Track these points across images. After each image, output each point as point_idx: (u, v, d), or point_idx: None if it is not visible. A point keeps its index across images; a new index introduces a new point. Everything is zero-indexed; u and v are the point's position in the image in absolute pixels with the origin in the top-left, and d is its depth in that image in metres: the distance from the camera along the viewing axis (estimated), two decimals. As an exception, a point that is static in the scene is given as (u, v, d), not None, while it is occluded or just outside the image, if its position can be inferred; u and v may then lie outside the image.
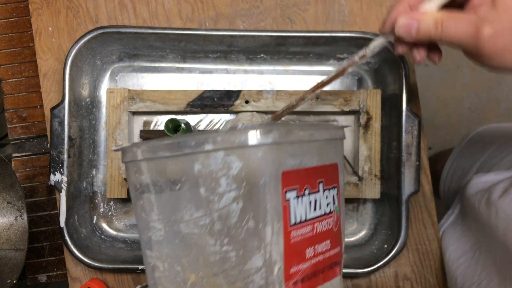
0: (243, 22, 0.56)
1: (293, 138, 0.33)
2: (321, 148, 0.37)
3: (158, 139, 0.34)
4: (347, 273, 0.52)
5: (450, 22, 0.33)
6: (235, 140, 0.30)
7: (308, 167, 0.35)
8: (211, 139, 0.31)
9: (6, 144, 0.75)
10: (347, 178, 0.54)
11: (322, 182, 0.37)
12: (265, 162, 0.31)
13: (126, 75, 0.57)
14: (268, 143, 0.30)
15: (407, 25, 0.34)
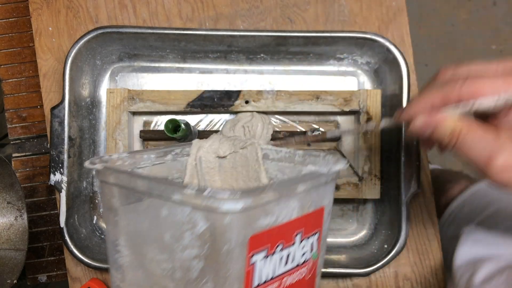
0: (243, 22, 0.56)
1: (269, 199, 0.30)
2: (303, 199, 0.33)
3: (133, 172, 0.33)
4: (347, 273, 0.52)
5: (467, 137, 0.31)
6: (202, 201, 0.28)
7: (286, 222, 0.31)
8: (181, 190, 0.29)
9: (6, 144, 0.75)
10: (347, 178, 0.54)
11: (300, 232, 0.33)
12: (231, 229, 0.28)
13: (126, 75, 0.57)
14: (236, 210, 0.27)
15: (424, 125, 0.33)
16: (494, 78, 0.30)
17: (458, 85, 0.31)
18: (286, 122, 0.56)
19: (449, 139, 0.32)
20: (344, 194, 0.53)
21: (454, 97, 0.31)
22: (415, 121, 0.33)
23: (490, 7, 1.38)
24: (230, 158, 0.46)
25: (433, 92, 0.32)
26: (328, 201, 0.37)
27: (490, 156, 0.30)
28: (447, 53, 1.37)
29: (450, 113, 0.32)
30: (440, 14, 1.38)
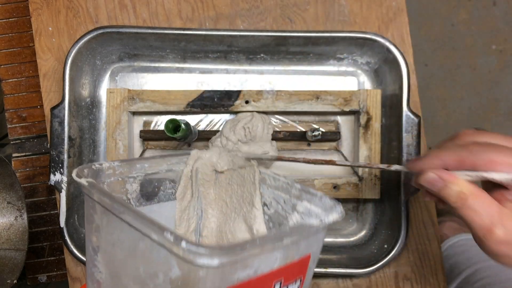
0: (243, 22, 0.56)
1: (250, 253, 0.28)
2: (289, 249, 0.32)
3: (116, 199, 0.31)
4: (347, 273, 0.52)
5: (473, 203, 0.32)
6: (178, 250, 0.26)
7: (266, 273, 0.30)
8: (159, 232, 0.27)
9: (6, 144, 0.75)
10: (347, 178, 0.54)
11: (280, 281, 0.32)
12: (205, 282, 0.27)
13: (126, 75, 0.57)
14: (213, 265, 0.26)
15: (433, 181, 0.33)
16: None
17: (475, 152, 0.31)
18: (286, 122, 0.56)
19: (455, 200, 0.32)
20: (344, 194, 0.53)
21: (469, 162, 0.31)
22: (426, 175, 0.33)
23: (490, 7, 1.38)
24: (227, 174, 0.45)
25: (450, 153, 0.33)
26: (316, 247, 0.35)
27: (491, 226, 0.31)
28: (447, 53, 1.37)
29: (461, 175, 0.32)
30: (440, 14, 1.38)
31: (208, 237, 0.47)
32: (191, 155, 0.45)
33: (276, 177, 0.42)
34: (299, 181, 0.53)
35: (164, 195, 0.44)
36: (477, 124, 1.37)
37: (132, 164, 0.41)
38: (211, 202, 0.47)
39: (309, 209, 0.39)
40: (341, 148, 0.57)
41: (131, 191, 0.41)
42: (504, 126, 1.37)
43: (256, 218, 0.42)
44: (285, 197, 0.41)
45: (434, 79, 1.37)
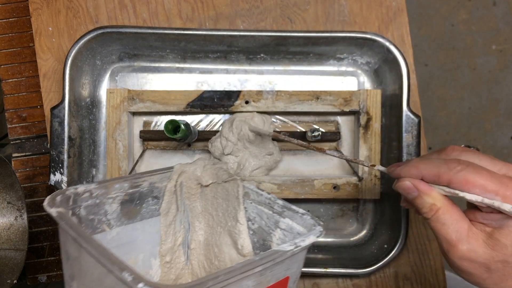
0: (243, 22, 0.56)
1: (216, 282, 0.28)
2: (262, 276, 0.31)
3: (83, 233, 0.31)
4: (347, 273, 0.52)
5: (444, 216, 0.32)
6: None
7: None
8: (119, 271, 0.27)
9: (6, 144, 0.75)
10: (347, 178, 0.54)
11: None
12: None
13: (126, 75, 0.57)
14: None
15: (408, 189, 0.34)
16: (491, 179, 0.31)
17: (453, 169, 0.31)
18: (286, 122, 0.56)
19: (427, 211, 0.33)
20: (344, 194, 0.53)
21: (445, 179, 0.32)
22: (402, 182, 0.34)
23: (490, 7, 1.38)
24: (212, 187, 0.45)
25: (429, 166, 0.33)
26: (295, 268, 0.35)
27: (456, 241, 0.32)
28: (447, 53, 1.37)
29: (436, 188, 0.33)
30: (440, 14, 1.38)
31: (196, 250, 0.47)
32: (174, 170, 0.45)
33: (259, 192, 0.42)
34: (299, 181, 0.53)
35: (147, 212, 0.44)
36: (477, 124, 1.37)
37: (110, 185, 0.41)
38: (198, 215, 0.47)
39: (291, 226, 0.39)
40: (341, 148, 0.57)
41: (110, 211, 0.41)
42: (504, 126, 1.37)
43: (241, 233, 0.42)
44: (268, 213, 0.41)
45: (434, 79, 1.37)
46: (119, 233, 0.42)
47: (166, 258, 0.46)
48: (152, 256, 0.45)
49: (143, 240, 0.44)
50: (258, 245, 0.42)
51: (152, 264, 0.45)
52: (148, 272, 0.45)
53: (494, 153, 1.37)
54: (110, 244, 0.41)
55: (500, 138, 1.37)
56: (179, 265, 0.47)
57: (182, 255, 0.47)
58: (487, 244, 0.31)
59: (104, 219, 0.41)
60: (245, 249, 0.42)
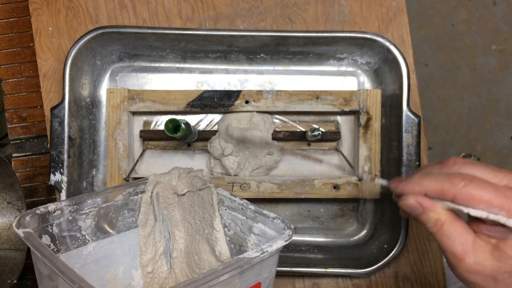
0: (243, 22, 0.56)
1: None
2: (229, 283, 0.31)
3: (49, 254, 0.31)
4: (347, 273, 0.52)
5: (449, 230, 0.33)
6: None
7: None
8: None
9: (6, 144, 0.75)
10: (347, 178, 0.54)
11: None
12: None
13: (126, 75, 0.57)
14: None
15: (413, 207, 0.34)
16: (495, 194, 0.31)
17: (457, 185, 0.32)
18: (286, 122, 0.56)
19: (432, 226, 0.33)
20: (344, 194, 0.53)
21: (449, 194, 0.32)
22: (407, 200, 0.34)
23: (490, 7, 1.38)
24: (188, 196, 0.45)
25: (432, 182, 0.33)
26: (267, 273, 0.35)
27: (463, 254, 0.32)
28: (447, 53, 1.37)
29: (440, 203, 0.33)
30: (440, 14, 1.38)
31: (178, 258, 0.47)
32: (149, 181, 0.45)
33: (232, 198, 0.42)
34: (299, 181, 0.53)
35: (123, 225, 0.44)
36: (477, 124, 1.37)
37: (82, 201, 0.41)
38: (178, 224, 0.47)
39: (264, 231, 0.39)
40: (341, 148, 0.57)
41: (85, 227, 0.41)
42: (504, 126, 1.37)
43: (218, 240, 0.42)
44: (241, 219, 0.41)
45: (434, 79, 1.37)
46: (96, 247, 0.42)
47: (148, 268, 0.46)
48: (133, 267, 0.45)
49: (121, 253, 0.44)
50: (235, 251, 0.43)
51: (133, 275, 0.45)
52: (130, 284, 0.45)
53: (494, 153, 1.37)
54: (87, 259, 0.41)
55: (500, 138, 1.37)
56: (162, 274, 0.47)
57: (165, 265, 0.47)
58: (493, 256, 0.32)
59: (79, 235, 0.41)
60: (223, 256, 0.42)
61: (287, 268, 0.52)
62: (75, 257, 0.40)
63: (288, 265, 0.52)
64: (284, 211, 0.57)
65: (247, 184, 0.53)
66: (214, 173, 0.55)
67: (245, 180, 0.53)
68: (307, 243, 0.57)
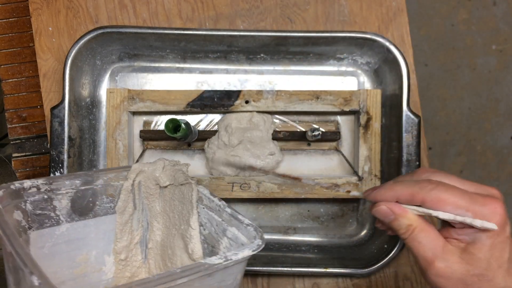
0: (243, 22, 0.56)
1: None
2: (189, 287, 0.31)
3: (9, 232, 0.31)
4: (347, 273, 0.52)
5: (420, 235, 0.34)
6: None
7: None
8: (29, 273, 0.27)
9: (6, 144, 0.75)
10: (347, 178, 0.54)
11: None
12: None
13: (126, 75, 0.57)
14: None
15: (385, 213, 0.35)
16: (461, 196, 0.32)
17: (427, 189, 0.33)
18: (286, 122, 0.56)
19: (404, 232, 0.34)
20: (344, 194, 0.53)
21: (419, 198, 0.33)
22: (379, 207, 0.35)
23: (490, 7, 1.38)
24: (170, 188, 0.45)
25: (403, 187, 0.34)
26: (231, 281, 0.34)
27: (433, 259, 0.33)
28: (447, 53, 1.37)
29: (411, 209, 0.34)
30: (440, 14, 1.38)
31: (154, 250, 0.47)
32: (132, 169, 0.44)
33: (211, 198, 0.42)
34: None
35: (101, 210, 0.44)
36: (477, 124, 1.37)
37: (59, 181, 0.41)
38: (157, 215, 0.46)
39: (236, 236, 0.38)
40: (341, 148, 0.57)
41: (60, 207, 0.41)
42: (504, 126, 1.37)
43: (192, 238, 0.42)
44: (217, 220, 0.41)
45: (434, 79, 1.37)
46: (69, 229, 0.42)
47: (121, 256, 0.46)
48: (106, 253, 0.45)
49: (96, 237, 0.44)
50: (208, 251, 0.42)
51: (105, 261, 0.45)
52: (101, 269, 0.45)
53: (494, 153, 1.37)
54: (59, 239, 0.41)
55: (500, 138, 1.37)
56: (136, 263, 0.47)
57: (140, 254, 0.47)
58: (462, 259, 0.32)
59: (53, 214, 0.41)
60: (195, 254, 0.42)
61: (287, 268, 0.52)
62: (47, 236, 0.40)
63: (288, 265, 0.52)
64: (284, 211, 0.58)
65: (247, 184, 0.53)
66: (213, 173, 0.55)
67: (245, 180, 0.53)
68: (307, 243, 0.57)
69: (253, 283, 0.55)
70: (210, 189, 0.52)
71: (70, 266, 0.43)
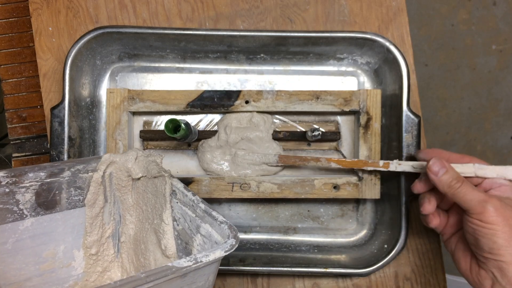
0: (243, 22, 0.56)
1: None
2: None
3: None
4: (347, 273, 0.52)
5: (466, 187, 0.40)
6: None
7: None
8: None
9: (6, 144, 0.75)
10: (347, 178, 0.53)
11: None
12: None
13: (126, 75, 0.57)
14: None
15: (441, 165, 0.42)
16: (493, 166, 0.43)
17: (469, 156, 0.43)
18: (286, 122, 0.56)
19: (454, 183, 0.40)
20: (344, 194, 0.53)
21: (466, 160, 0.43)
22: (431, 162, 0.42)
23: (490, 7, 1.38)
24: (143, 181, 0.43)
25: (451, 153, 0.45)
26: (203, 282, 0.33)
27: (483, 204, 0.38)
28: (447, 53, 1.37)
29: (458, 168, 0.43)
30: (440, 14, 1.38)
31: (127, 244, 0.46)
32: (102, 160, 0.43)
33: (185, 193, 0.40)
34: (299, 181, 0.53)
35: (69, 203, 0.43)
36: (477, 124, 1.37)
37: (22, 173, 0.39)
38: (130, 208, 0.45)
39: (210, 234, 0.37)
40: (341, 148, 0.57)
41: (23, 201, 0.40)
42: (504, 126, 1.37)
43: (165, 233, 0.41)
44: (191, 216, 0.39)
45: (434, 79, 1.37)
46: (34, 223, 0.40)
47: (92, 250, 0.44)
48: (75, 247, 0.44)
49: (64, 231, 0.43)
50: (181, 247, 0.41)
51: (75, 255, 0.44)
52: (71, 264, 0.43)
53: (494, 153, 1.37)
54: (24, 234, 0.40)
55: (500, 138, 1.37)
56: (108, 257, 0.45)
57: (112, 248, 0.45)
58: (505, 204, 0.38)
59: (16, 208, 0.39)
60: (168, 250, 0.40)
61: (287, 268, 0.52)
62: (9, 231, 0.39)
63: (288, 265, 0.52)
64: (284, 211, 0.57)
65: (247, 184, 0.53)
66: (208, 172, 0.55)
67: (245, 180, 0.53)
68: (307, 243, 0.57)
69: (253, 283, 0.55)
70: (210, 189, 0.52)
71: (36, 262, 0.41)
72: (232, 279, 0.55)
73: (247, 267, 0.51)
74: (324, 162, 0.51)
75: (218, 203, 0.57)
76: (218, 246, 0.32)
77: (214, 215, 0.36)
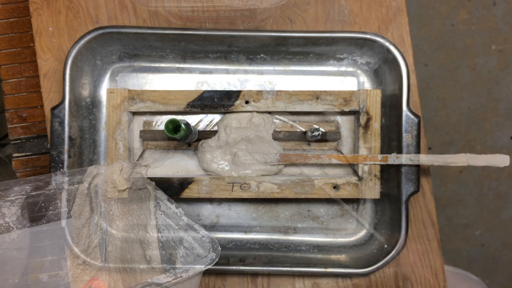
0: (243, 22, 0.56)
1: None
2: None
3: None
4: (347, 273, 0.52)
5: None
6: None
7: None
8: None
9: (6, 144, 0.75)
10: (347, 178, 0.54)
11: None
12: None
13: (126, 75, 0.57)
14: None
15: None
16: None
17: None
18: (286, 122, 0.56)
19: None
20: (344, 194, 0.53)
21: None
22: None
23: (490, 7, 1.38)
24: (128, 192, 0.44)
25: None
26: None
27: None
28: (447, 53, 1.37)
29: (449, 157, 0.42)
30: (440, 14, 1.38)
31: (113, 253, 0.46)
32: (87, 172, 0.43)
33: (168, 205, 0.41)
34: (299, 181, 0.53)
35: (55, 214, 0.43)
36: (477, 124, 1.37)
37: (7, 187, 0.40)
38: (115, 218, 0.46)
39: (192, 246, 0.37)
40: (341, 148, 0.57)
41: (9, 214, 0.40)
42: (504, 126, 1.37)
43: (150, 244, 0.41)
44: (174, 228, 0.40)
45: (434, 79, 1.37)
46: (20, 235, 0.41)
47: (79, 260, 0.45)
48: (62, 258, 0.44)
49: (50, 242, 0.43)
50: (166, 258, 0.41)
51: (62, 265, 0.44)
52: (58, 274, 0.44)
53: (494, 153, 1.36)
54: (11, 246, 0.40)
55: (500, 138, 1.37)
56: (95, 267, 0.46)
57: (99, 257, 0.46)
58: None
59: (2, 221, 0.40)
60: (153, 261, 0.41)
61: (287, 268, 0.52)
62: None
63: (288, 265, 0.52)
64: (284, 211, 0.58)
65: (247, 184, 0.53)
66: (208, 172, 0.55)
67: (245, 180, 0.53)
68: (307, 243, 0.57)
69: (253, 283, 0.55)
70: (210, 189, 0.53)
71: (24, 273, 0.42)
72: (232, 279, 0.55)
73: (247, 267, 0.51)
74: (324, 159, 0.51)
75: (218, 203, 0.57)
76: (199, 260, 0.32)
77: (196, 228, 0.37)
